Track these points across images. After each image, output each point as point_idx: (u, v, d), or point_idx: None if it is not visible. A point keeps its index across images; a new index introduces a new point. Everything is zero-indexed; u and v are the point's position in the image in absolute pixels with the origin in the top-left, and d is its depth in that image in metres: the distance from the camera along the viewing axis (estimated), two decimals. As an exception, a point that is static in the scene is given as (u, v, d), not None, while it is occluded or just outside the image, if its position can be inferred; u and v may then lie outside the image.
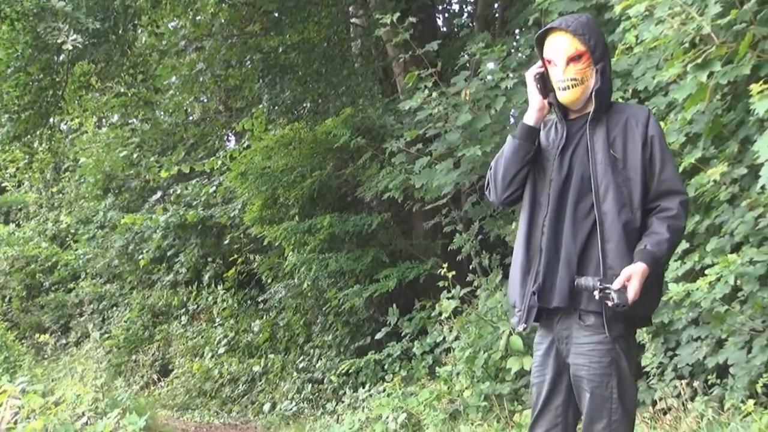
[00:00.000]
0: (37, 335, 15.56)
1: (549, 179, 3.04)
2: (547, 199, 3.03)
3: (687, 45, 4.40)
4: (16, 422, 5.45)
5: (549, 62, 3.04)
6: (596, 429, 2.90)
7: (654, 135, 2.95)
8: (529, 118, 3.12)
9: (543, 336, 3.09)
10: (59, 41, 7.13)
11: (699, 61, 4.20)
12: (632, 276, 2.80)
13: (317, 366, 9.77)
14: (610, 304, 2.78)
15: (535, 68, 3.10)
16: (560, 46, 3.01)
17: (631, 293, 2.80)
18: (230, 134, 14.46)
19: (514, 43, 7.16)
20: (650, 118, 2.98)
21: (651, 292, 2.92)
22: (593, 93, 2.98)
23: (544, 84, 3.07)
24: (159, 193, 14.86)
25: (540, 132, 3.14)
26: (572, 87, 2.98)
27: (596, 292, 2.82)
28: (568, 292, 2.93)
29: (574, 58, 2.98)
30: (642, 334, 4.87)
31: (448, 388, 6.39)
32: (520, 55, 6.86)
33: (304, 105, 10.64)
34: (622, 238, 2.88)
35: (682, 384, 4.66)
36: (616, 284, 2.79)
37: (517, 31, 8.81)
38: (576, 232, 2.94)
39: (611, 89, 3.10)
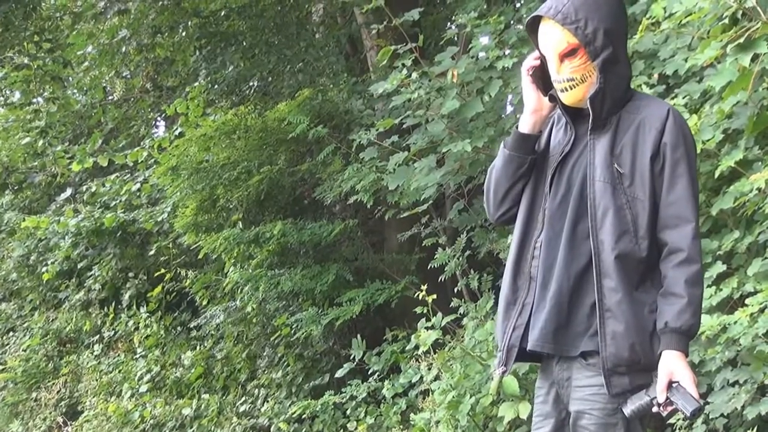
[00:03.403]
0: None
1: (546, 192, 3.01)
2: (542, 215, 3.01)
3: (727, 21, 4.40)
4: None
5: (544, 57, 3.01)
6: None
7: (668, 143, 2.90)
8: (523, 124, 3.11)
9: (542, 380, 3.11)
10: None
11: (741, 40, 4.20)
12: (673, 374, 2.81)
13: (263, 410, 9.70)
14: (688, 414, 2.78)
15: (530, 60, 3.07)
16: (549, 39, 2.99)
17: (690, 387, 2.80)
18: (159, 119, 14.38)
19: (514, 13, 7.14)
20: (668, 120, 2.92)
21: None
22: (589, 100, 2.92)
23: (544, 79, 3.03)
24: (69, 191, 14.72)
25: (540, 137, 3.11)
26: (570, 88, 2.96)
27: (658, 408, 2.81)
28: (552, 334, 2.93)
29: (567, 54, 2.94)
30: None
31: (426, 440, 6.35)
32: (520, 27, 6.85)
33: (251, 84, 10.59)
34: (621, 273, 2.87)
35: (715, 440, 4.65)
36: (660, 391, 2.80)
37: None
38: (570, 260, 2.94)
39: (627, 81, 3.04)
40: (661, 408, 2.81)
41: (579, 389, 2.95)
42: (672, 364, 2.81)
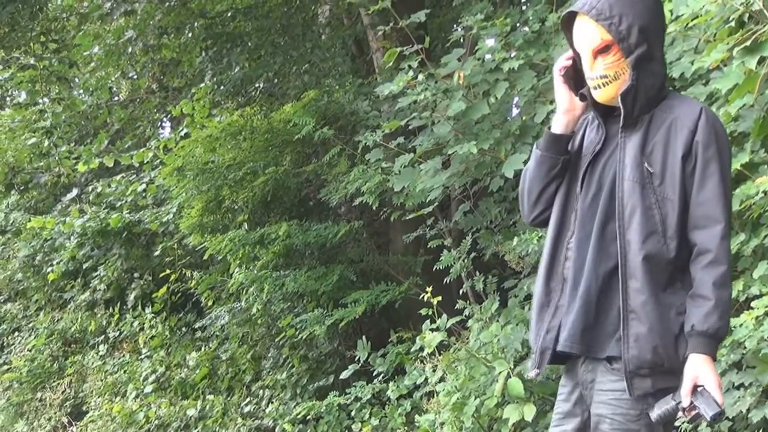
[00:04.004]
0: None
1: (578, 192, 3.02)
2: (574, 216, 3.01)
3: (733, 24, 4.40)
4: None
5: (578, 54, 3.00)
6: None
7: (700, 142, 2.87)
8: (556, 124, 3.09)
9: (567, 379, 3.10)
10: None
11: (748, 43, 4.20)
12: (698, 378, 2.79)
13: (267, 411, 9.69)
14: (708, 418, 2.76)
15: (563, 60, 3.06)
16: (583, 35, 2.97)
17: (714, 391, 2.77)
18: (165, 120, 14.37)
19: (520, 15, 7.14)
20: (701, 119, 2.90)
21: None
22: (620, 96, 2.91)
23: (577, 79, 3.02)
24: (75, 191, 14.74)
25: (573, 138, 3.10)
26: (603, 86, 2.94)
27: (682, 413, 2.80)
28: (580, 335, 2.91)
29: (601, 51, 2.93)
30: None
31: (430, 441, 6.35)
32: (526, 29, 6.85)
33: (257, 85, 10.59)
34: (647, 274, 2.85)
35: (720, 443, 4.65)
36: (684, 396, 2.78)
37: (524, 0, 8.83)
38: (599, 261, 2.93)
39: (661, 80, 3.01)
40: (686, 412, 2.79)
41: (602, 393, 2.93)
42: (697, 368, 2.80)
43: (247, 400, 10.29)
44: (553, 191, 3.11)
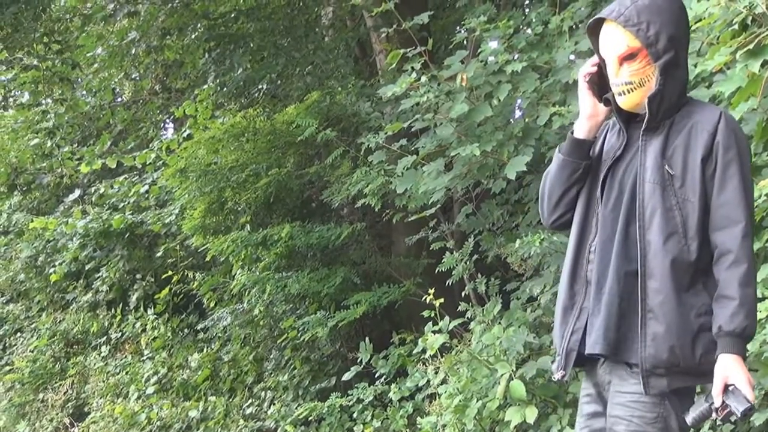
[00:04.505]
0: None
1: (599, 196, 3.05)
2: (596, 219, 3.05)
3: (737, 27, 4.40)
4: None
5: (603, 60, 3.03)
6: None
7: (720, 144, 2.91)
8: (579, 129, 3.13)
9: (587, 380, 3.16)
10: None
11: (751, 46, 4.19)
12: (728, 377, 2.81)
13: (269, 412, 9.68)
14: (738, 414, 2.79)
15: (588, 66, 3.10)
16: (610, 41, 3.01)
17: (745, 388, 2.80)
18: (168, 121, 14.38)
19: (523, 18, 7.14)
20: (720, 122, 2.94)
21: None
22: (647, 100, 2.93)
23: (601, 85, 3.05)
24: (77, 192, 14.74)
25: (594, 143, 3.14)
26: (628, 92, 2.98)
27: (715, 413, 2.82)
28: (604, 336, 2.94)
29: (627, 57, 2.96)
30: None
31: (432, 444, 6.35)
32: (529, 32, 6.85)
33: (260, 87, 10.59)
34: (667, 274, 2.89)
35: (721, 446, 4.65)
36: (716, 395, 2.80)
37: (527, 2, 8.82)
38: (622, 263, 2.96)
39: (683, 87, 3.06)
40: (718, 412, 2.82)
41: (620, 395, 2.97)
42: (727, 368, 2.82)
43: (249, 401, 10.28)
44: (573, 195, 3.16)
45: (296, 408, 8.97)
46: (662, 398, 2.90)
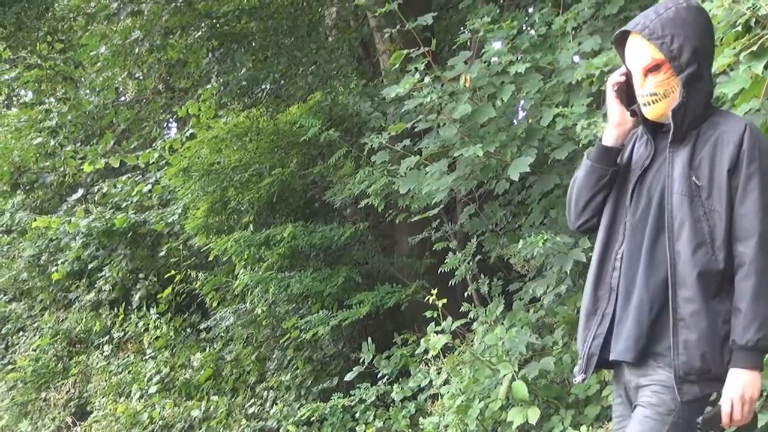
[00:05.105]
0: None
1: (627, 205, 3.11)
2: (623, 228, 3.10)
3: (740, 29, 4.40)
4: None
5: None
6: None
7: (745, 155, 2.95)
8: (607, 137, 3.18)
9: (617, 384, 3.22)
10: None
11: (754, 48, 4.19)
12: (734, 401, 2.90)
13: (271, 412, 9.69)
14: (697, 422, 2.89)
15: (616, 76, 3.16)
16: (635, 53, 3.07)
17: (727, 408, 2.91)
18: (171, 120, 14.38)
19: (527, 19, 7.15)
20: (746, 132, 2.98)
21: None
22: (671, 112, 2.98)
23: (629, 94, 3.10)
24: (80, 191, 14.76)
25: (623, 151, 3.19)
26: (653, 103, 3.03)
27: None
28: (635, 344, 3.00)
29: (651, 69, 3.01)
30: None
31: (434, 444, 6.35)
32: (533, 33, 6.86)
33: (263, 87, 10.59)
34: (696, 284, 2.93)
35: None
36: (725, 415, 2.90)
37: (530, 3, 8.82)
38: (650, 273, 3.02)
39: (708, 98, 3.10)
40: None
41: (645, 387, 3.04)
42: (730, 383, 2.90)
43: (252, 401, 10.29)
44: (600, 201, 3.22)
45: (299, 408, 8.98)
46: (694, 400, 2.97)
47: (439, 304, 6.79)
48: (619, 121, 3.17)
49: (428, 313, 6.99)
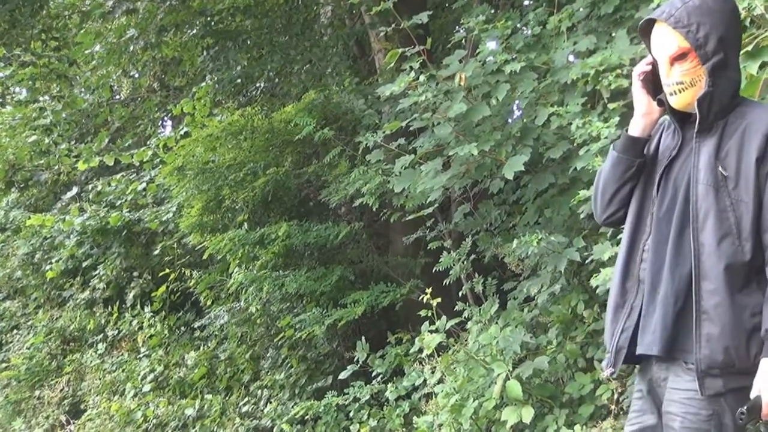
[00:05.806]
0: None
1: (654, 196, 3.08)
2: (650, 219, 3.07)
3: (735, 28, 4.39)
4: None
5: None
6: None
7: None
8: (633, 127, 3.15)
9: (641, 377, 3.17)
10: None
11: (749, 48, 4.19)
12: (759, 381, 2.83)
13: (265, 411, 9.68)
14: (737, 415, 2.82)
15: (642, 65, 3.14)
16: (661, 42, 3.02)
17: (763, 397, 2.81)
18: (166, 118, 14.37)
19: (521, 18, 7.14)
20: None
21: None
22: (697, 101, 2.95)
23: (656, 83, 3.08)
24: (75, 190, 14.74)
25: (650, 141, 3.16)
26: (679, 92, 3.00)
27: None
28: (660, 337, 2.96)
29: (677, 58, 2.98)
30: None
31: (428, 443, 6.34)
32: (527, 32, 6.85)
33: (258, 85, 10.58)
34: (721, 276, 2.89)
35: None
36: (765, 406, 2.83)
37: (526, 2, 8.81)
38: (676, 264, 2.98)
39: (735, 87, 3.06)
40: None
41: (675, 391, 2.99)
42: (765, 373, 2.84)
43: (246, 399, 10.27)
44: (627, 192, 3.19)
45: (293, 407, 8.97)
46: (718, 396, 2.92)
47: (434, 303, 6.79)
48: (646, 111, 3.14)
49: (423, 312, 6.99)
